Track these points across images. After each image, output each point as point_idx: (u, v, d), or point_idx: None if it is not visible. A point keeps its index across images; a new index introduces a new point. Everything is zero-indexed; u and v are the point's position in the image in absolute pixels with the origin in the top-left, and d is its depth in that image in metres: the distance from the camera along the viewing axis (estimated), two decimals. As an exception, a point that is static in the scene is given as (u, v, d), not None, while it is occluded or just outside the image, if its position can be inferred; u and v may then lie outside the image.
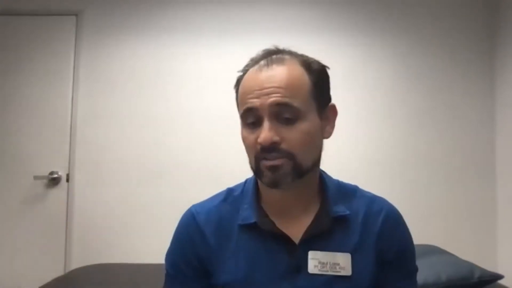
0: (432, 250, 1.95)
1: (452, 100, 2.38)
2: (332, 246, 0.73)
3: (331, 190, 0.79)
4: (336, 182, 0.84)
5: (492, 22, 2.39)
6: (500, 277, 1.71)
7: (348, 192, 0.82)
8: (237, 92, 0.77)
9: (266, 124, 0.68)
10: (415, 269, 0.83)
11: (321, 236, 0.74)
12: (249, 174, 0.89)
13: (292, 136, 0.69)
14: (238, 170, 0.91)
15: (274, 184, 0.71)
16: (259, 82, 0.70)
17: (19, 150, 2.41)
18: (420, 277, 1.67)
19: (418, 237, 2.31)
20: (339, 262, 0.73)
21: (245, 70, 0.76)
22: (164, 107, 2.43)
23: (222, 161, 2.30)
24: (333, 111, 0.79)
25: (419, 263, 1.80)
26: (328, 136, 0.77)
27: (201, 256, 0.77)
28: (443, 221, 2.31)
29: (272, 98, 0.68)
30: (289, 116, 0.69)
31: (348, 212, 0.77)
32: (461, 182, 2.34)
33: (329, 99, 0.78)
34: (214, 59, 2.40)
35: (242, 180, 0.87)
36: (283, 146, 0.69)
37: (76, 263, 2.27)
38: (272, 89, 0.68)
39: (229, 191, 0.84)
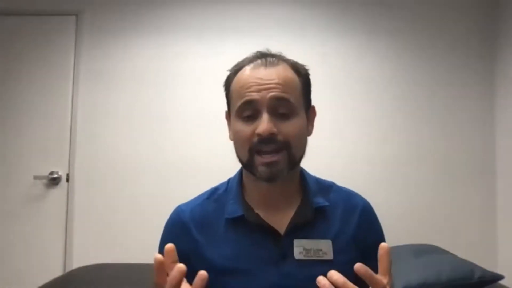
0: (432, 250, 1.95)
1: (452, 100, 2.38)
2: (315, 234, 0.79)
3: (311, 184, 0.85)
4: (314, 178, 0.89)
5: (493, 22, 2.39)
6: (501, 277, 1.71)
7: (326, 186, 0.88)
8: (229, 88, 0.82)
9: (265, 116, 0.73)
10: None
11: (304, 226, 0.79)
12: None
13: (288, 129, 0.75)
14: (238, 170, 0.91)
15: (270, 179, 0.75)
16: (258, 78, 0.75)
17: (19, 150, 2.41)
18: (420, 277, 1.69)
19: (419, 237, 2.32)
20: (322, 248, 0.78)
21: (236, 69, 0.81)
22: (164, 106, 2.43)
23: (223, 161, 2.29)
24: (313, 112, 0.86)
25: (419, 262, 1.81)
26: (310, 134, 0.83)
27: (187, 252, 0.78)
28: (443, 221, 2.31)
29: (272, 92, 0.73)
30: (285, 111, 0.75)
31: (327, 203, 0.83)
32: (461, 182, 2.34)
33: (311, 101, 0.85)
34: (214, 59, 2.40)
35: None
36: (280, 137, 0.74)
37: (76, 263, 2.28)
38: (272, 84, 0.74)
39: (213, 189, 0.89)
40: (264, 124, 0.72)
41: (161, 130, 2.41)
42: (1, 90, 2.44)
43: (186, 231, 0.82)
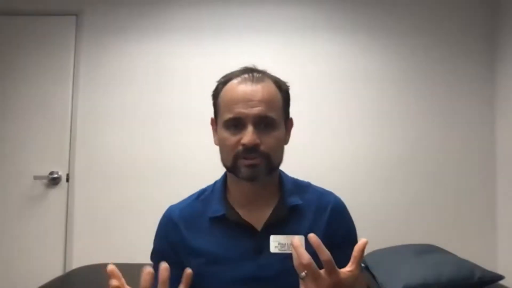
0: (432, 250, 1.95)
1: (452, 100, 2.38)
2: (289, 231, 0.86)
3: (288, 185, 0.96)
4: (292, 179, 1.00)
5: (493, 22, 2.39)
6: (501, 277, 1.71)
7: (302, 186, 0.98)
8: (217, 97, 0.92)
9: (250, 129, 0.83)
10: None
11: (279, 223, 0.89)
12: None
13: (269, 140, 0.85)
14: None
15: (251, 178, 0.85)
16: (246, 95, 0.85)
17: (19, 150, 2.41)
18: (420, 277, 1.68)
19: (418, 236, 2.32)
20: None
21: (225, 80, 0.91)
22: (164, 107, 2.42)
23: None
24: (291, 123, 0.96)
25: (419, 262, 1.81)
26: (287, 143, 0.93)
27: (176, 246, 0.91)
28: (443, 221, 2.31)
29: (257, 111, 0.84)
30: (267, 125, 0.85)
31: (301, 202, 0.93)
32: (461, 181, 2.34)
33: (289, 113, 0.95)
34: (215, 59, 2.40)
35: None
36: (262, 148, 0.84)
37: (76, 263, 2.28)
38: (256, 102, 0.85)
39: (202, 191, 0.99)
40: (249, 135, 0.83)
41: (162, 131, 2.41)
42: (1, 90, 2.44)
43: (175, 227, 0.93)
